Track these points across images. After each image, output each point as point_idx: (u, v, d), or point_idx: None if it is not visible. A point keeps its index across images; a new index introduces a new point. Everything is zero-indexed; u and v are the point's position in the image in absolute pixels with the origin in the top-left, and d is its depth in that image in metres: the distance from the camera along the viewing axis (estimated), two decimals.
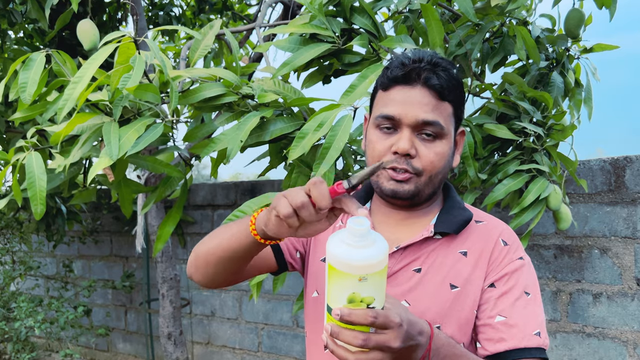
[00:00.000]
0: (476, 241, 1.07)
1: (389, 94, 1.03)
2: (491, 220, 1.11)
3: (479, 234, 1.08)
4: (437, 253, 1.06)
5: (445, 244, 1.06)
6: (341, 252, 0.77)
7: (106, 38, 1.52)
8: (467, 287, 1.03)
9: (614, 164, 2.56)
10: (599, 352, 2.60)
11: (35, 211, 1.62)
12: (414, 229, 1.09)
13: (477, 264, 1.05)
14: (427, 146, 1.01)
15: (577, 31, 2.21)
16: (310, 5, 1.71)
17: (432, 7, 1.78)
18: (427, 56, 1.02)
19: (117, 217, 4.46)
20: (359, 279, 0.77)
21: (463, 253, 1.06)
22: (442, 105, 1.01)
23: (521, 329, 0.99)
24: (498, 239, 1.06)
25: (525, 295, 1.02)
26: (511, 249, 1.06)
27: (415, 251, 1.06)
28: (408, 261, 1.06)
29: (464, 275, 1.04)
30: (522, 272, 1.04)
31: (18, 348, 3.78)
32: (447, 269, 1.04)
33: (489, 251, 1.05)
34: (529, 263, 1.07)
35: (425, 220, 1.10)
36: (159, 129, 1.54)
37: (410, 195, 1.03)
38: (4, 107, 2.89)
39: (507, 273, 1.03)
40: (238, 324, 3.89)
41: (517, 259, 1.05)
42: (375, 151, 1.03)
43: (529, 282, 1.04)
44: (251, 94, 1.65)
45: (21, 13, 2.98)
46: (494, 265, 1.04)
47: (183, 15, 4.22)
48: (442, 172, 1.05)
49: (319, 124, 1.50)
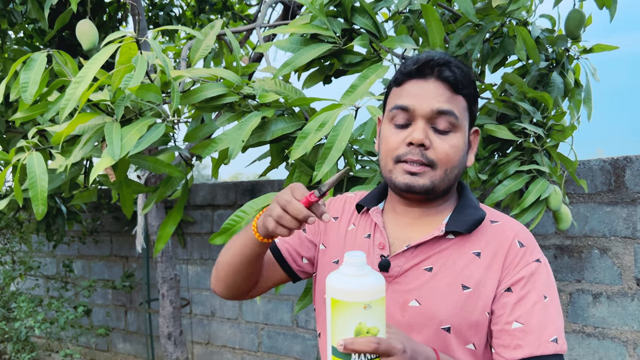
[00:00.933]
0: (490, 242, 1.04)
1: (403, 88, 1.03)
2: (506, 220, 1.09)
3: (494, 235, 1.05)
4: (450, 253, 1.04)
5: (458, 244, 1.05)
6: (345, 284, 0.82)
7: (107, 38, 1.53)
8: (479, 288, 1.01)
9: (614, 164, 2.57)
10: (599, 352, 2.60)
11: (37, 211, 1.62)
12: (426, 228, 1.07)
13: (490, 265, 1.02)
14: (441, 138, 1.01)
15: (577, 32, 2.21)
16: (311, 5, 1.72)
17: (432, 8, 1.79)
18: (439, 54, 1.02)
19: (117, 217, 4.46)
20: (364, 306, 0.81)
21: (476, 254, 1.03)
22: (457, 98, 1.01)
23: (538, 336, 0.97)
24: (514, 240, 1.04)
25: (543, 299, 1.00)
26: (527, 250, 1.03)
27: (426, 250, 1.05)
28: (419, 260, 1.04)
29: (477, 277, 1.02)
30: (539, 275, 1.01)
31: (18, 348, 3.78)
32: (459, 269, 1.03)
33: (504, 253, 1.03)
34: (545, 264, 1.04)
35: (438, 218, 1.08)
36: (160, 129, 1.54)
37: (425, 190, 1.02)
38: (4, 107, 2.89)
39: (524, 277, 1.00)
40: (238, 324, 3.89)
41: (533, 261, 1.02)
42: (389, 145, 1.03)
43: (547, 284, 1.02)
44: (252, 94, 1.66)
45: (21, 13, 2.98)
46: (509, 268, 1.02)
47: (183, 16, 4.22)
48: (458, 167, 1.03)
49: (320, 124, 1.51)
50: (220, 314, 3.97)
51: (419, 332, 1.01)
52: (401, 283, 1.04)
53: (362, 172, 1.74)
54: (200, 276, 4.07)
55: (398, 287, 1.04)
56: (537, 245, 1.06)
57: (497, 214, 1.10)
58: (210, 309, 4.02)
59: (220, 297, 1.30)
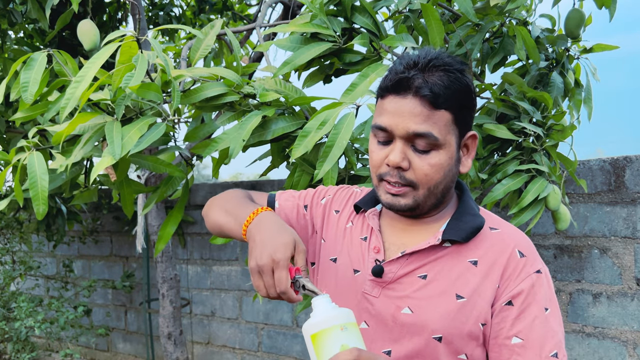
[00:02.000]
0: (489, 250, 1.01)
1: (383, 104, 0.99)
2: (506, 227, 1.05)
3: (493, 243, 1.02)
4: (446, 260, 1.01)
5: (455, 252, 1.02)
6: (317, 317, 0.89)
7: (108, 38, 1.53)
8: (474, 298, 0.98)
9: (614, 164, 2.57)
10: (599, 352, 2.60)
11: (37, 211, 1.62)
12: (422, 235, 1.05)
13: (487, 274, 0.99)
14: (421, 157, 0.97)
15: (577, 31, 2.21)
16: (311, 4, 1.72)
17: (432, 7, 1.79)
18: (423, 60, 0.96)
19: (117, 217, 4.46)
20: (340, 328, 0.86)
21: (473, 262, 1.00)
22: (437, 114, 0.95)
23: (538, 352, 0.95)
24: (514, 250, 1.00)
25: (543, 312, 0.97)
26: (528, 261, 1.00)
27: (422, 258, 1.03)
28: (414, 267, 1.03)
29: (472, 286, 0.99)
30: (540, 287, 0.98)
31: (18, 348, 3.78)
32: (454, 278, 1.00)
33: (503, 262, 0.99)
34: (546, 274, 1.01)
35: (435, 226, 1.05)
36: (161, 128, 1.54)
37: (409, 209, 1.01)
38: (4, 107, 2.89)
39: (524, 289, 0.97)
40: (238, 324, 3.89)
41: (534, 272, 0.99)
42: (373, 161, 1.03)
43: (547, 296, 0.99)
44: (253, 93, 1.66)
45: (21, 13, 2.98)
46: (510, 279, 0.98)
47: (183, 15, 4.22)
48: (444, 181, 1.00)
49: (321, 123, 1.51)
50: (220, 314, 3.97)
51: (409, 340, 1.00)
52: (394, 289, 1.02)
53: (363, 171, 1.74)
54: (200, 276, 4.07)
55: (391, 293, 1.03)
56: (538, 255, 1.02)
57: (497, 221, 1.07)
58: (210, 309, 4.02)
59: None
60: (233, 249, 3.89)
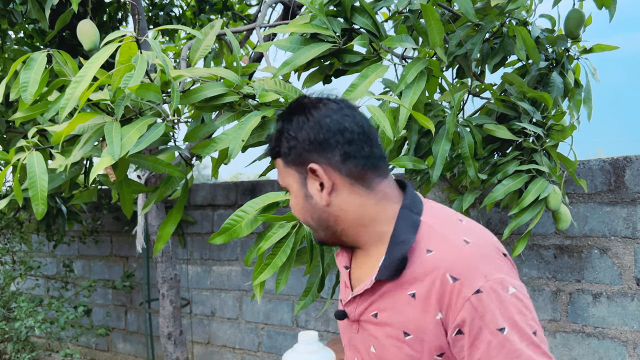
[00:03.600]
0: (425, 278, 0.94)
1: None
2: (441, 247, 0.95)
3: (426, 269, 0.94)
4: (389, 296, 0.99)
5: (396, 284, 0.97)
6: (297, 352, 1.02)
7: (107, 38, 1.53)
8: (419, 334, 0.95)
9: (614, 164, 2.57)
10: (599, 352, 2.60)
11: (37, 211, 1.62)
12: (371, 269, 1.03)
13: (425, 307, 0.94)
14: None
15: (577, 32, 2.21)
16: (311, 5, 1.72)
17: (432, 7, 1.79)
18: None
19: (117, 217, 4.46)
20: None
21: (412, 294, 0.95)
22: (279, 164, 1.07)
23: None
24: (444, 276, 0.92)
25: (498, 334, 0.88)
26: (463, 284, 0.90)
27: (368, 297, 1.02)
28: (364, 307, 1.03)
29: (414, 321, 0.95)
30: (484, 307, 0.89)
31: (18, 348, 3.78)
32: (398, 314, 0.97)
33: (437, 292, 0.92)
34: (491, 289, 0.89)
35: (375, 260, 1.02)
36: (160, 128, 1.54)
37: (322, 243, 1.10)
38: (4, 107, 2.89)
39: (466, 317, 0.90)
40: (238, 324, 3.89)
41: (472, 295, 0.89)
42: None
43: (499, 313, 0.89)
44: (252, 93, 1.66)
45: (21, 13, 2.98)
46: (449, 308, 0.92)
47: (183, 16, 4.22)
48: (313, 216, 1.04)
49: None
50: (220, 314, 3.97)
51: None
52: (363, 327, 1.06)
53: None
54: (200, 276, 4.07)
55: (363, 330, 1.06)
56: (478, 270, 0.91)
57: (436, 239, 0.96)
58: (210, 309, 4.02)
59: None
60: (233, 249, 3.89)
